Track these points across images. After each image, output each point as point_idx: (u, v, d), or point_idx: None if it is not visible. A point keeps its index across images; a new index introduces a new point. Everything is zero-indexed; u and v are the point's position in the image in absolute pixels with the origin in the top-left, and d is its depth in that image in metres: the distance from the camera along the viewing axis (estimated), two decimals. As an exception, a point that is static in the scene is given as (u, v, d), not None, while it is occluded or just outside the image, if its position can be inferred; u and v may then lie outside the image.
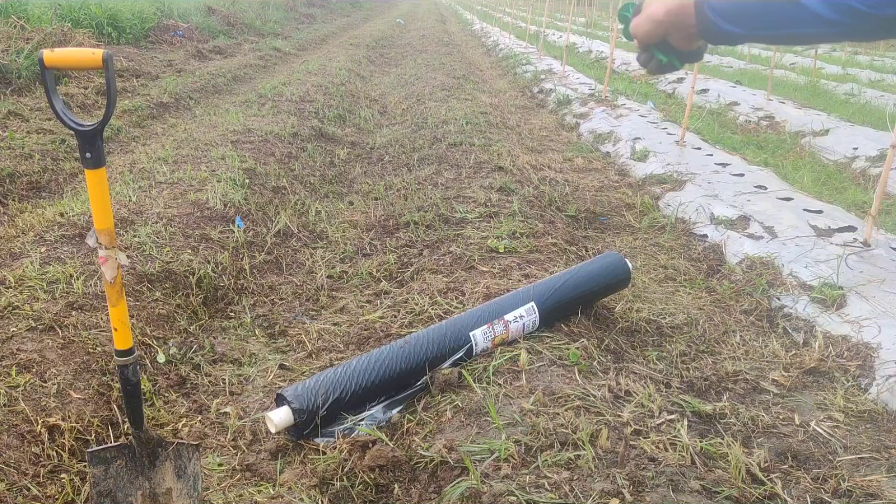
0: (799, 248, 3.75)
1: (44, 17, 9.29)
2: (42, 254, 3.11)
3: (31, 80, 7.19)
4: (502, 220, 3.89)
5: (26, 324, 2.53)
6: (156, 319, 2.88)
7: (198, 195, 4.03)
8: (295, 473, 2.15)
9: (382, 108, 8.37)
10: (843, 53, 17.36)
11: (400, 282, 3.45)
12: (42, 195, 4.64)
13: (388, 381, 2.40)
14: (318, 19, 22.15)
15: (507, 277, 3.18)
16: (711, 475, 1.92)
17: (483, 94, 9.05)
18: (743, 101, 9.09)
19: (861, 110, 8.85)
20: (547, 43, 15.90)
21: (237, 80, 9.71)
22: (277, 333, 3.08)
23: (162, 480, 1.85)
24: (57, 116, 1.53)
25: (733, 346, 3.09)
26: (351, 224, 4.33)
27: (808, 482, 2.15)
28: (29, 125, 5.83)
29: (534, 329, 2.67)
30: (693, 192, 4.89)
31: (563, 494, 1.76)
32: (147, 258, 3.20)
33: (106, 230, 1.61)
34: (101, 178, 1.58)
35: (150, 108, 7.18)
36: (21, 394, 2.17)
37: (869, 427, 2.52)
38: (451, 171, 5.00)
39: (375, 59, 13.40)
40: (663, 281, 3.82)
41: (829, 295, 3.26)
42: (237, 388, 2.65)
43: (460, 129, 6.29)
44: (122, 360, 1.74)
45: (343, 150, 6.18)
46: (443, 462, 1.99)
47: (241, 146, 5.28)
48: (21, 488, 1.91)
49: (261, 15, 17.21)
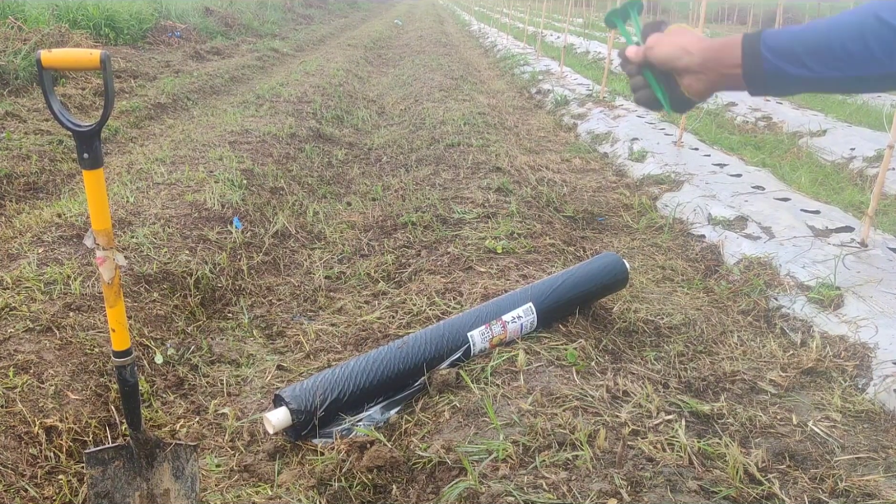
0: (796, 249, 3.76)
1: (41, 17, 9.28)
2: (40, 255, 3.11)
3: (28, 81, 7.18)
4: (500, 220, 3.89)
5: (24, 325, 2.52)
6: (153, 320, 2.88)
7: (195, 196, 4.03)
8: (293, 474, 2.15)
9: (380, 109, 8.37)
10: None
11: (398, 282, 3.45)
12: (40, 196, 4.64)
13: (386, 381, 2.40)
14: (316, 20, 22.15)
15: (504, 278, 3.18)
16: (709, 475, 1.93)
17: (481, 95, 9.06)
18: (740, 102, 9.10)
19: (858, 111, 8.87)
20: (545, 44, 15.92)
21: (235, 80, 9.71)
22: (275, 334, 3.08)
23: (160, 481, 1.85)
24: (55, 117, 1.53)
25: (731, 347, 3.09)
26: (349, 225, 4.33)
27: (806, 482, 2.15)
28: (26, 126, 5.83)
29: (532, 329, 2.67)
30: (691, 193, 4.90)
31: (561, 495, 1.76)
32: (145, 259, 3.20)
33: (104, 231, 1.61)
34: (99, 179, 1.58)
35: (148, 108, 7.18)
36: (18, 395, 2.17)
37: (866, 427, 2.53)
38: (449, 172, 5.00)
39: (373, 59, 13.40)
40: (661, 281, 3.83)
41: (826, 295, 3.27)
42: (235, 389, 2.65)
43: (458, 129, 6.29)
44: (120, 360, 1.73)
45: (341, 150, 6.18)
46: (441, 462, 1.99)
47: (239, 147, 5.27)
48: (19, 489, 1.91)
49: (258, 16, 17.21)
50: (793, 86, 1.02)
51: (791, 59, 0.99)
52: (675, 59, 1.11)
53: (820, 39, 0.98)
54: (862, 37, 0.94)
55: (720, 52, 1.06)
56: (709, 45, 1.08)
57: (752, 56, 1.02)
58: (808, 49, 0.98)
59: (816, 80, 0.99)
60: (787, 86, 1.03)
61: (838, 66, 0.96)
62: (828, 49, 0.97)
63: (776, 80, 1.02)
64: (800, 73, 0.99)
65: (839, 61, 0.96)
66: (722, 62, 1.06)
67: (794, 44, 1.00)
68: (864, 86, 1.00)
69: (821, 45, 0.97)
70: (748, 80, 1.04)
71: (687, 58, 1.10)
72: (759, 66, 1.02)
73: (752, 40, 1.03)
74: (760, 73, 1.02)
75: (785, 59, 1.00)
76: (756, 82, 1.04)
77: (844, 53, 0.95)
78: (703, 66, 1.08)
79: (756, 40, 1.02)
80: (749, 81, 1.04)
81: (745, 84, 1.05)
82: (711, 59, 1.07)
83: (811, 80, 1.00)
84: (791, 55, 0.99)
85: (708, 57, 1.07)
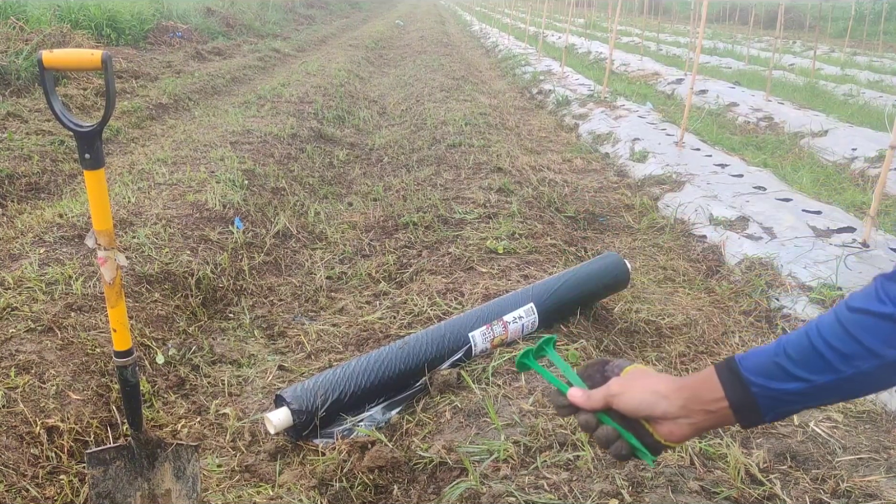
0: (798, 249, 3.75)
1: (43, 18, 9.29)
2: (41, 255, 3.11)
3: (30, 82, 7.19)
4: (501, 220, 3.89)
5: (25, 325, 2.52)
6: (155, 320, 2.88)
7: (197, 196, 4.03)
8: (294, 474, 2.15)
9: (381, 109, 8.37)
10: (842, 54, 17.38)
11: (399, 283, 3.45)
12: (41, 196, 4.64)
13: (387, 382, 2.40)
14: (318, 20, 22.15)
15: (506, 278, 3.18)
16: (710, 476, 1.93)
17: (482, 95, 9.06)
18: (742, 102, 9.10)
19: (860, 111, 8.86)
20: (546, 44, 15.91)
21: (236, 81, 9.71)
22: (276, 334, 3.08)
23: (161, 481, 1.85)
24: (56, 117, 1.53)
25: (732, 347, 3.09)
26: (350, 225, 4.33)
27: (807, 482, 2.15)
28: (28, 126, 5.83)
29: (533, 330, 2.67)
30: (692, 193, 4.89)
31: (563, 495, 1.76)
32: (146, 259, 3.20)
33: (105, 231, 1.61)
34: (100, 179, 1.58)
35: (149, 109, 7.19)
36: (20, 395, 2.17)
37: (868, 427, 2.52)
38: (451, 172, 5.00)
39: (374, 60, 13.40)
40: (662, 282, 3.82)
41: (828, 295, 3.26)
42: (236, 389, 2.65)
43: (459, 129, 6.29)
44: (121, 361, 1.74)
45: (342, 150, 6.18)
46: (442, 463, 1.99)
47: (240, 147, 5.28)
48: (20, 489, 1.91)
49: (260, 16, 17.21)
50: (789, 404, 0.93)
51: (779, 375, 0.92)
52: (651, 407, 0.99)
53: (802, 346, 0.91)
54: (845, 331, 0.89)
55: (697, 389, 0.97)
56: (683, 384, 0.99)
57: (734, 383, 0.94)
58: (793, 359, 0.91)
59: (814, 389, 0.91)
60: (782, 406, 0.93)
61: (831, 367, 0.89)
62: (813, 352, 0.90)
63: (769, 403, 0.93)
64: (795, 387, 0.91)
65: (830, 362, 0.89)
66: (703, 399, 0.96)
67: (776, 358, 0.92)
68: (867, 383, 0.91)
69: (805, 350, 0.91)
70: (738, 411, 0.94)
71: (664, 403, 0.98)
72: (747, 393, 0.93)
73: (728, 366, 0.95)
74: (751, 399, 0.93)
75: (773, 378, 0.92)
76: (747, 411, 0.94)
77: (832, 353, 0.89)
78: (684, 410, 0.97)
79: (732, 365, 0.95)
80: (739, 412, 0.94)
81: (735, 417, 0.95)
82: (691, 398, 0.97)
83: (809, 392, 0.91)
84: (778, 371, 0.92)
85: (687, 397, 0.97)
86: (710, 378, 0.95)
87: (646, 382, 1.00)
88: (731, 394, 0.94)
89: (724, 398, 0.94)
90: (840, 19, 23.46)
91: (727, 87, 10.24)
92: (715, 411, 0.95)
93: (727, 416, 0.95)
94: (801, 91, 10.64)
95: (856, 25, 19.73)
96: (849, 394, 0.92)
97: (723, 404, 0.94)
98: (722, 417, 0.95)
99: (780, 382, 0.91)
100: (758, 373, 0.92)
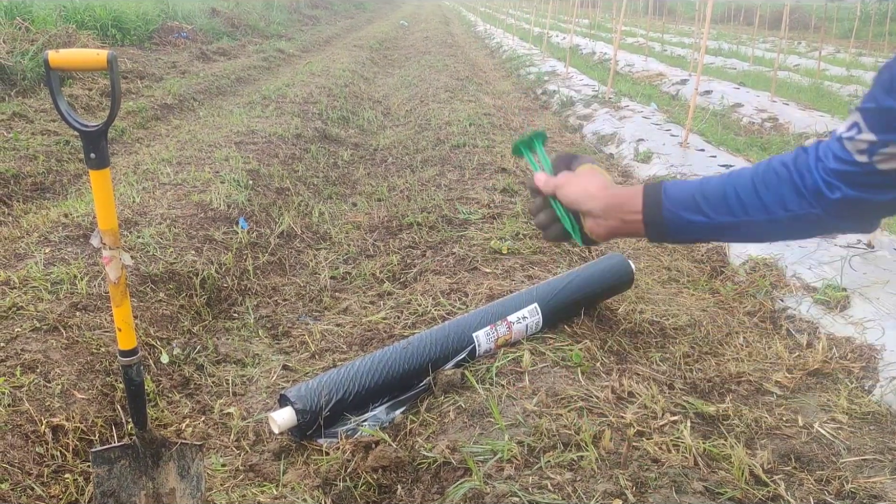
0: (802, 250, 3.75)
1: (48, 18, 9.32)
2: (46, 254, 3.12)
3: (35, 82, 7.21)
4: (505, 221, 3.89)
5: (30, 324, 2.53)
6: (159, 320, 2.89)
7: (201, 196, 4.04)
8: (298, 474, 2.15)
9: (386, 110, 8.38)
10: (848, 55, 17.33)
11: (403, 283, 3.46)
12: (46, 196, 4.66)
13: (391, 381, 2.40)
14: (322, 21, 22.18)
15: (510, 279, 3.18)
16: (714, 476, 1.92)
17: (486, 96, 9.06)
18: (746, 103, 9.07)
19: (865, 112, 8.81)
20: (550, 44, 15.90)
21: (241, 81, 9.73)
22: (281, 334, 3.09)
23: (165, 481, 1.86)
24: (62, 117, 1.54)
25: (736, 348, 3.08)
26: (354, 225, 4.34)
27: (812, 484, 2.15)
28: (33, 126, 5.85)
29: (537, 330, 2.67)
30: (696, 194, 4.88)
31: (566, 495, 1.76)
32: (151, 259, 3.21)
33: (110, 231, 1.61)
34: (106, 179, 1.59)
35: (154, 109, 7.20)
36: (25, 394, 2.18)
37: (872, 429, 2.52)
38: (455, 173, 5.00)
39: (379, 60, 13.41)
40: (666, 282, 3.82)
41: (832, 296, 3.26)
42: (240, 389, 2.66)
43: (464, 130, 6.29)
44: (126, 360, 1.74)
45: (346, 151, 6.19)
46: (445, 463, 1.99)
47: (245, 147, 5.29)
48: (25, 488, 1.91)
49: (264, 16, 17.24)
50: (689, 232, 1.07)
51: (690, 207, 1.05)
52: (580, 203, 1.13)
53: (716, 189, 1.05)
54: (752, 185, 1.02)
55: (623, 200, 1.10)
56: (613, 193, 1.11)
57: (652, 205, 1.07)
58: (707, 198, 1.04)
59: (714, 225, 1.04)
60: (683, 232, 1.07)
61: (731, 211, 1.03)
62: (723, 196, 1.04)
63: (673, 226, 1.07)
64: (696, 219, 1.05)
65: (731, 207, 1.03)
66: (622, 209, 1.09)
67: (694, 193, 1.05)
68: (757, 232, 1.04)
69: (717, 193, 1.04)
70: (647, 226, 1.08)
71: (591, 202, 1.12)
72: (658, 214, 1.07)
73: (654, 189, 1.08)
74: (659, 219, 1.07)
75: (683, 208, 1.05)
76: (654, 228, 1.08)
77: (736, 200, 1.02)
78: (604, 212, 1.11)
79: (658, 190, 1.08)
80: (648, 228, 1.08)
81: (644, 230, 1.09)
82: (613, 205, 1.10)
83: (709, 227, 1.05)
84: (690, 203, 1.05)
85: (610, 203, 1.10)
86: (636, 195, 1.08)
87: (584, 181, 1.14)
88: (647, 212, 1.08)
89: (640, 213, 1.08)
90: (845, 20, 23.39)
91: (732, 88, 10.22)
92: (629, 222, 1.09)
93: (639, 229, 1.10)
94: (807, 92, 10.62)
95: (861, 26, 19.65)
96: (742, 237, 1.08)
97: (637, 217, 1.08)
98: (634, 229, 1.10)
99: (689, 214, 1.05)
100: (676, 202, 1.06)
